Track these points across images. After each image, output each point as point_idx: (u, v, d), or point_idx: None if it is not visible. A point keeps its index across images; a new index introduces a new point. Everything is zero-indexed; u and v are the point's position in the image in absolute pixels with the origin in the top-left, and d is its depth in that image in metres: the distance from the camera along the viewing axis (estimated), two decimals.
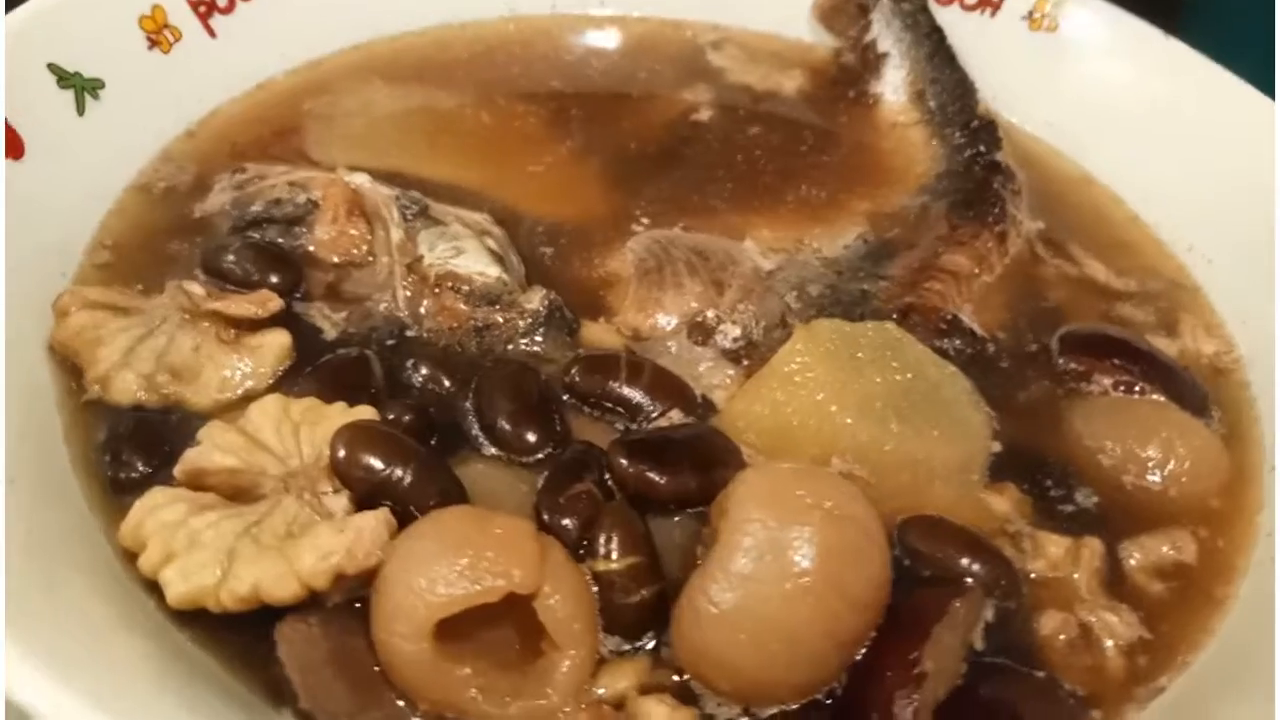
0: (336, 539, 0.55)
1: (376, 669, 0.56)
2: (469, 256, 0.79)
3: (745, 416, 0.73)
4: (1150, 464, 0.73)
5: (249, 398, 0.69)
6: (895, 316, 0.80)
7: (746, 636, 0.55)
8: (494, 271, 0.79)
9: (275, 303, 0.72)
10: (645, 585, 0.59)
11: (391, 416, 0.66)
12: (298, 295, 0.77)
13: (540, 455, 0.68)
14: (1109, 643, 0.64)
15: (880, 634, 0.58)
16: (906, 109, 1.04)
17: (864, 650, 0.58)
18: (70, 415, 0.68)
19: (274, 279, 0.76)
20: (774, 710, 0.57)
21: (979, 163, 0.96)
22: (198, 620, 0.57)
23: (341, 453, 0.61)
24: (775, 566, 0.55)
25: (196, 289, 0.72)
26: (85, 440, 0.67)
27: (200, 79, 0.92)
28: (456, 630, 0.54)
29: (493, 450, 0.69)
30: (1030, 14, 1.05)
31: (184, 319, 0.71)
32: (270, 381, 0.71)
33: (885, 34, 1.07)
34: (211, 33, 0.93)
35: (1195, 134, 0.95)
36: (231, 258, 0.77)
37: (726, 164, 0.97)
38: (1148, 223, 0.96)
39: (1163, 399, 0.78)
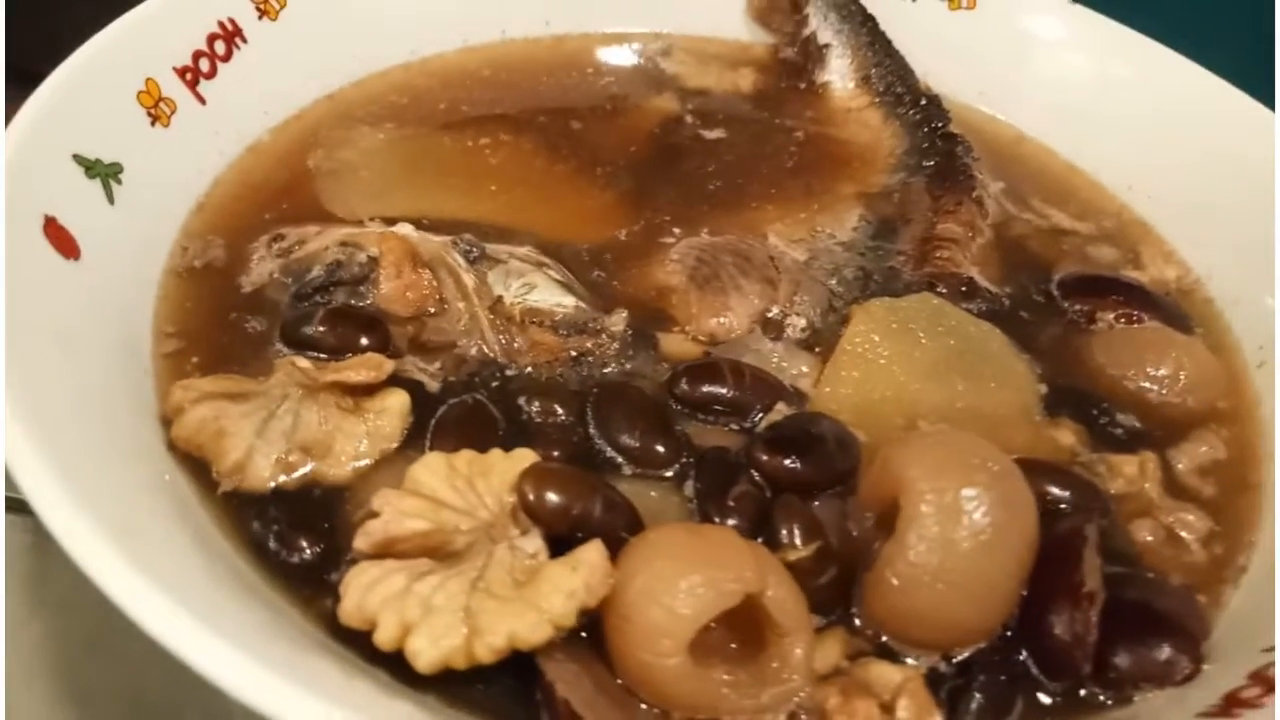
0: (573, 577, 0.58)
1: (620, 684, 0.60)
2: (542, 290, 0.82)
3: (834, 399, 0.79)
4: (1167, 380, 0.84)
5: (384, 461, 0.71)
6: (925, 287, 0.89)
7: (950, 591, 0.62)
8: (570, 300, 0.82)
9: (388, 364, 0.73)
10: (830, 564, 0.66)
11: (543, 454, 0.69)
12: (389, 353, 0.78)
13: (677, 467, 0.73)
14: (1190, 538, 0.75)
15: (1037, 567, 0.66)
16: (856, 94, 1.13)
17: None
18: (215, 511, 0.67)
19: (364, 341, 0.77)
20: (969, 651, 0.65)
21: (937, 136, 1.06)
22: (440, 681, 0.59)
23: (532, 495, 0.63)
24: (965, 524, 0.62)
25: (306, 363, 0.72)
26: (239, 533, 0.67)
27: (199, 150, 0.90)
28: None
29: (630, 470, 0.73)
30: None
31: (303, 395, 0.71)
32: (399, 442, 0.72)
33: (824, 27, 1.15)
34: (201, 100, 0.91)
35: (1112, 84, 1.09)
36: (317, 327, 0.77)
37: (718, 165, 1.03)
38: (1084, 169, 1.09)
39: (1158, 324, 0.90)
